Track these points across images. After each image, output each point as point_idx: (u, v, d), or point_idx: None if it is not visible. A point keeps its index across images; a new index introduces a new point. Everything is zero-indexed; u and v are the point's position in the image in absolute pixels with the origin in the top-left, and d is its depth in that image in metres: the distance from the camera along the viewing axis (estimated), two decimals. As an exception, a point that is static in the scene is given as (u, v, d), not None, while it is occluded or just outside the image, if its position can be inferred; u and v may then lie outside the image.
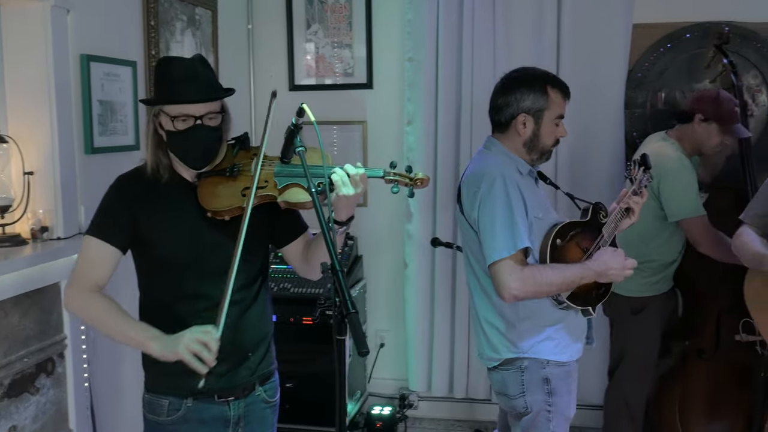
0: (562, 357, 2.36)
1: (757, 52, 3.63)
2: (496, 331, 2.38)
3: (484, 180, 2.28)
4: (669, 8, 3.70)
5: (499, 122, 2.40)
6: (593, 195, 3.59)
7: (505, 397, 2.41)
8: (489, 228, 2.24)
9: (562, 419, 2.38)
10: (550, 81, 2.36)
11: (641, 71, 3.76)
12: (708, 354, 3.29)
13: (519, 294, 2.20)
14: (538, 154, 2.39)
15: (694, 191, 3.08)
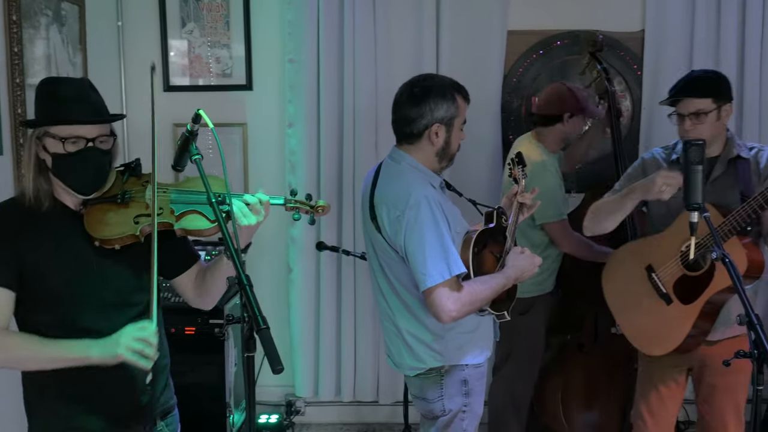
0: (479, 359, 2.44)
1: (620, 60, 3.86)
2: (420, 343, 2.38)
3: (408, 205, 2.24)
4: (540, 16, 3.86)
5: (410, 134, 2.33)
6: (474, 197, 3.72)
7: (424, 401, 2.45)
8: (420, 255, 2.22)
9: (474, 418, 2.47)
10: (456, 88, 2.36)
11: (516, 76, 3.90)
12: (587, 347, 3.47)
13: (458, 315, 2.23)
14: (447, 161, 2.40)
15: (555, 196, 3.22)
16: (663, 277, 2.62)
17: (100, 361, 1.74)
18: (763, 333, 1.64)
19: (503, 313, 2.41)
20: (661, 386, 2.77)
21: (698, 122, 2.51)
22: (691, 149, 1.99)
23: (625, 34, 3.85)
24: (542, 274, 3.33)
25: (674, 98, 2.57)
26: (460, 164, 3.77)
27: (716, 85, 2.56)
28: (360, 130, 3.80)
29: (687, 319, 2.53)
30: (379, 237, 2.36)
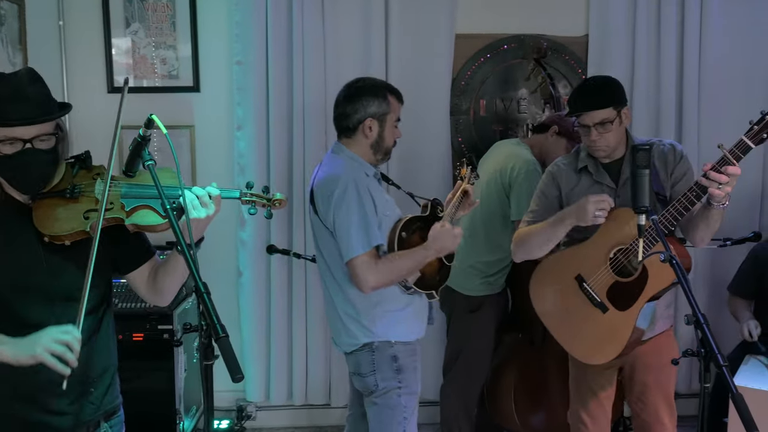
0: (409, 337, 2.63)
1: (565, 64, 3.94)
2: (353, 319, 2.61)
3: (337, 185, 2.50)
4: (487, 20, 3.91)
5: (347, 128, 2.62)
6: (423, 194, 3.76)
7: (359, 376, 2.64)
8: (345, 229, 2.48)
9: (411, 394, 2.64)
10: (388, 88, 2.66)
11: (464, 79, 3.94)
12: (537, 344, 3.53)
13: (376, 284, 2.47)
14: (382, 154, 2.65)
15: None
16: (595, 286, 2.59)
17: (14, 360, 1.70)
18: (709, 332, 1.70)
19: (432, 292, 2.63)
20: (598, 389, 2.80)
21: (604, 131, 2.55)
22: (638, 154, 2.04)
23: (570, 39, 3.93)
24: (493, 275, 3.40)
25: (580, 112, 2.58)
26: (409, 164, 3.86)
27: (613, 93, 2.60)
28: (310, 132, 3.78)
29: (627, 324, 2.53)
30: (317, 219, 2.60)
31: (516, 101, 3.97)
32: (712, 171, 2.26)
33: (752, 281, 3.73)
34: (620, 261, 2.53)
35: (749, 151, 2.23)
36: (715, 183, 2.25)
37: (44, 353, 1.65)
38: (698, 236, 2.52)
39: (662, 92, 3.88)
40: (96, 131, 3.33)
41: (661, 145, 2.67)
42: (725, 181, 2.24)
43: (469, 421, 3.48)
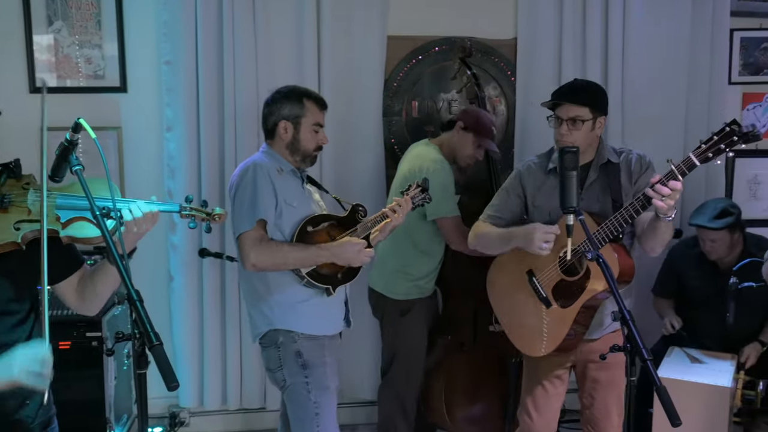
0: (314, 330, 2.68)
1: (495, 66, 4.01)
2: (254, 307, 2.71)
3: (240, 171, 2.67)
4: (419, 22, 3.94)
5: (267, 130, 2.78)
6: (357, 197, 3.74)
7: (270, 372, 2.73)
8: (237, 207, 2.61)
9: (322, 390, 2.67)
10: (306, 94, 2.78)
11: (396, 81, 3.97)
12: (468, 346, 3.59)
13: (257, 263, 2.56)
14: (300, 156, 2.75)
15: (450, 192, 3.34)
16: (543, 281, 2.71)
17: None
18: (635, 328, 1.77)
19: (328, 287, 2.67)
20: (546, 383, 2.88)
21: (574, 128, 2.63)
22: (566, 156, 2.11)
23: (499, 42, 4.01)
24: (423, 279, 3.44)
25: (555, 101, 2.68)
26: (343, 165, 3.86)
27: (595, 96, 2.70)
28: (242, 134, 3.74)
29: (565, 321, 2.64)
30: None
31: (447, 102, 4.02)
32: (657, 184, 2.34)
33: (671, 281, 3.90)
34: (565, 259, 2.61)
35: (694, 168, 2.32)
36: (659, 195, 2.32)
37: (24, 375, 1.62)
38: (649, 246, 2.64)
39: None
40: (19, 132, 3.21)
41: (630, 155, 2.76)
42: (667, 194, 2.32)
43: (407, 421, 3.51)
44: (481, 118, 3.46)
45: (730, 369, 3.42)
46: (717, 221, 3.54)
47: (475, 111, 3.51)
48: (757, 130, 2.22)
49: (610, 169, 2.70)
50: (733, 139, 2.23)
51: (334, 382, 2.74)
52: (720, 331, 3.44)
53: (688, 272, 3.79)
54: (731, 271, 3.26)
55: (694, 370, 3.42)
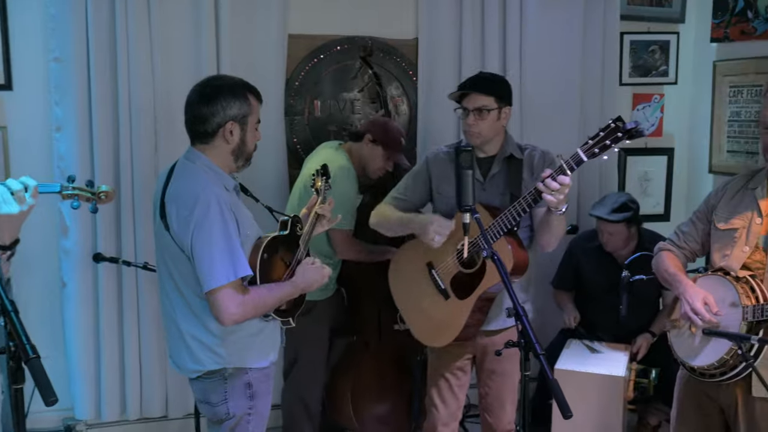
0: (263, 363, 2.46)
1: (397, 66, 4.03)
2: (201, 345, 2.37)
3: (198, 204, 2.23)
4: (321, 21, 3.91)
5: (204, 133, 2.34)
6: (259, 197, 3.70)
7: (207, 404, 2.44)
8: (207, 255, 2.21)
9: (260, 420, 2.50)
10: (247, 87, 2.40)
11: (298, 80, 3.93)
12: (373, 345, 3.59)
13: (239, 318, 2.26)
14: (243, 160, 2.43)
15: (350, 205, 3.31)
16: (441, 273, 2.78)
17: None
18: (528, 324, 1.80)
19: (288, 320, 2.51)
20: (449, 375, 2.96)
21: (480, 118, 2.70)
22: (461, 155, 2.14)
23: (401, 41, 4.03)
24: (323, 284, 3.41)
25: (462, 92, 2.74)
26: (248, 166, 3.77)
27: (500, 87, 2.78)
28: (138, 134, 3.60)
29: (462, 312, 2.71)
30: (167, 235, 2.33)
31: (350, 102, 4.01)
32: (547, 178, 2.40)
33: (570, 274, 4.03)
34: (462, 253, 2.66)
35: (582, 163, 2.39)
36: (549, 189, 2.38)
37: None
38: (544, 240, 2.72)
39: (487, 93, 4.07)
40: None
41: (534, 151, 2.83)
42: (556, 189, 2.37)
43: (311, 422, 3.49)
44: (389, 130, 3.45)
45: (623, 359, 3.56)
46: (616, 214, 3.68)
47: (383, 123, 3.49)
48: (639, 126, 2.31)
49: (512, 164, 2.77)
50: (618, 135, 2.31)
51: (269, 411, 2.57)
52: (614, 322, 3.57)
53: (586, 265, 3.92)
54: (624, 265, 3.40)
55: (590, 361, 3.54)
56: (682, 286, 2.48)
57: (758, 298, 2.30)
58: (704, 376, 2.43)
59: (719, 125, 4.19)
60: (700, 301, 2.39)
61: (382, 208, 2.94)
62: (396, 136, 3.47)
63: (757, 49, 3.89)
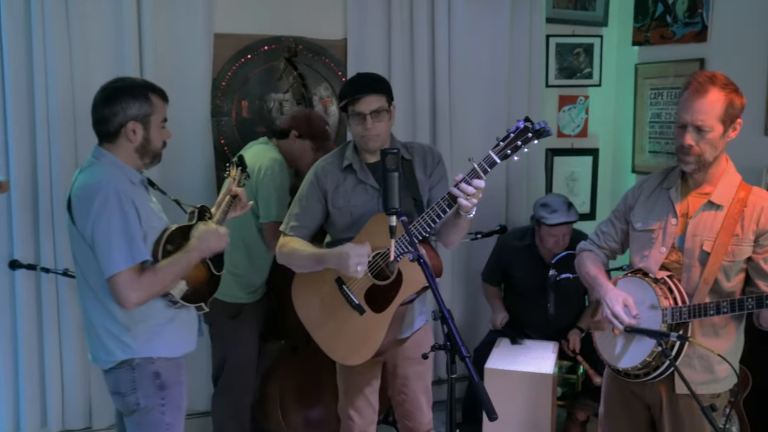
0: (173, 352, 2.49)
1: (326, 67, 4.00)
2: (110, 335, 2.42)
3: (97, 195, 2.31)
4: (247, 20, 3.85)
5: (108, 133, 2.43)
6: (186, 199, 3.59)
7: (119, 395, 2.47)
8: (106, 243, 2.30)
9: (176, 411, 2.51)
10: (150, 87, 2.48)
11: (225, 80, 3.85)
12: (301, 350, 3.55)
13: (139, 301, 2.32)
14: (150, 158, 2.50)
15: (283, 196, 3.27)
16: (354, 288, 2.65)
17: None
18: (454, 327, 1.80)
19: (201, 305, 2.54)
20: (363, 385, 2.89)
21: (378, 120, 2.62)
22: (387, 157, 2.11)
23: (329, 42, 4.00)
24: (252, 281, 3.37)
25: (357, 96, 2.61)
26: (172, 166, 3.69)
27: (387, 85, 2.72)
28: (56, 136, 3.47)
29: (381, 326, 2.62)
30: (74, 229, 2.40)
31: (278, 102, 3.96)
32: (462, 183, 2.38)
33: (498, 270, 4.09)
34: (378, 264, 2.61)
35: (495, 165, 2.38)
36: (464, 194, 2.37)
37: None
38: (449, 240, 2.69)
39: (417, 95, 4.09)
40: None
41: (419, 149, 2.79)
42: (472, 193, 2.38)
43: (241, 429, 3.43)
44: (313, 122, 3.42)
45: (552, 356, 3.62)
46: (572, 213, 3.80)
47: (305, 115, 3.44)
48: (547, 127, 2.33)
49: (404, 165, 2.70)
50: (528, 135, 2.33)
51: (185, 402, 2.57)
52: (543, 320, 3.63)
53: (516, 264, 3.98)
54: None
55: (519, 359, 3.59)
56: (603, 289, 2.51)
57: (676, 299, 2.35)
58: (629, 376, 2.47)
59: (641, 126, 4.31)
60: (619, 304, 2.43)
61: (287, 244, 2.74)
62: (321, 125, 3.44)
63: (676, 53, 4.02)
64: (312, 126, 3.38)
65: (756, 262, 2.33)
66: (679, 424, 2.42)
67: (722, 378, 2.41)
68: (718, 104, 2.27)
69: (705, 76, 2.31)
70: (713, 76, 2.31)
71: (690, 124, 2.30)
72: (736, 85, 2.32)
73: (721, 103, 2.27)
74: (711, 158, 2.33)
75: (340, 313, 2.69)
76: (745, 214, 2.33)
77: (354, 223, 2.67)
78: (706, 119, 2.27)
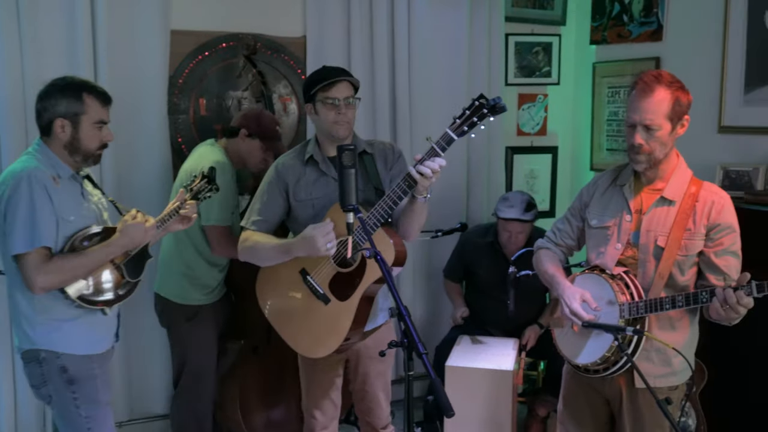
0: (80, 350, 2.52)
1: (285, 64, 3.96)
2: (17, 324, 2.52)
3: (11, 181, 2.41)
4: (205, 17, 3.80)
5: (41, 126, 2.52)
6: (142, 198, 3.57)
7: (34, 388, 2.55)
8: (11, 224, 2.38)
9: (91, 404, 2.53)
10: (86, 88, 2.52)
11: (182, 77, 3.80)
12: (261, 349, 3.51)
13: (46, 285, 2.38)
14: (81, 156, 2.52)
15: (226, 199, 3.22)
16: (318, 278, 2.64)
17: None
18: (411, 324, 1.79)
19: (102, 309, 2.53)
20: (325, 383, 2.88)
21: (349, 108, 2.67)
22: (344, 153, 2.09)
23: (288, 39, 3.96)
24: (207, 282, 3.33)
25: (332, 81, 2.64)
26: (128, 164, 3.64)
27: (356, 79, 2.75)
28: (8, 134, 3.39)
29: (346, 314, 2.60)
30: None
31: (237, 100, 3.91)
32: (420, 164, 2.39)
33: (460, 267, 4.10)
34: (341, 253, 2.60)
35: (453, 142, 2.41)
36: (423, 174, 2.38)
37: None
38: (408, 230, 2.66)
39: (377, 92, 4.08)
40: None
41: (380, 144, 2.82)
42: (435, 170, 2.39)
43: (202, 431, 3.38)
44: (263, 121, 3.37)
45: (512, 353, 3.64)
46: (528, 214, 3.78)
47: (256, 115, 3.40)
48: (502, 102, 2.37)
49: (366, 159, 2.74)
50: (483, 111, 2.36)
51: (107, 396, 2.59)
52: (504, 317, 3.64)
53: (478, 261, 3.99)
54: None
55: (480, 356, 3.59)
56: (561, 286, 2.52)
57: (632, 294, 2.38)
58: (588, 372, 2.49)
59: (599, 124, 4.36)
60: (577, 301, 2.44)
61: (250, 238, 2.72)
62: (271, 125, 3.40)
63: (633, 52, 4.08)
64: (262, 125, 3.34)
65: (707, 256, 2.36)
66: (639, 418, 2.44)
67: (679, 371, 2.45)
68: (664, 102, 2.30)
69: (651, 76, 2.34)
70: (659, 74, 2.35)
71: (639, 124, 2.33)
72: (681, 83, 2.36)
73: (668, 101, 2.31)
74: (661, 156, 2.37)
75: (304, 305, 2.68)
76: (696, 209, 2.36)
77: (316, 215, 2.67)
78: (654, 118, 2.31)
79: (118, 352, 3.65)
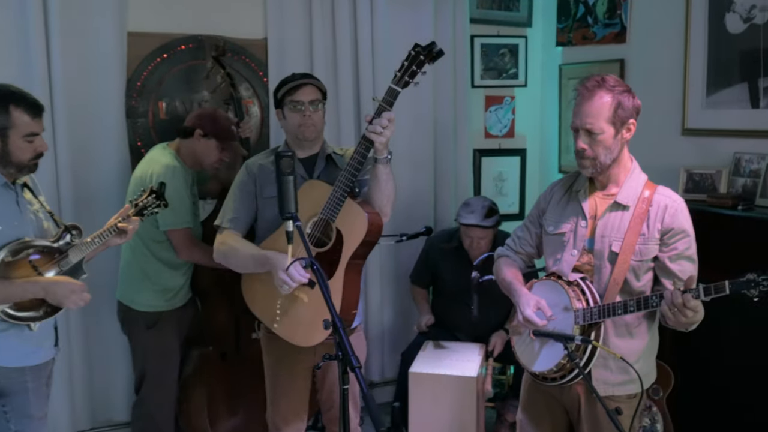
0: (13, 362, 2.45)
1: (246, 67, 3.90)
2: None
3: None
4: (163, 19, 3.74)
5: None
6: (100, 204, 3.51)
7: None
8: None
9: (22, 418, 2.47)
10: (13, 99, 2.41)
11: (140, 80, 3.73)
12: (230, 355, 3.46)
13: None
14: (13, 168, 2.44)
15: (181, 202, 3.17)
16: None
17: None
18: (345, 336, 1.75)
19: (28, 324, 2.45)
20: (291, 393, 2.84)
21: (315, 111, 2.71)
22: (282, 160, 2.05)
23: (249, 41, 3.91)
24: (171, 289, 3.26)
25: (298, 84, 2.70)
26: (86, 167, 3.57)
27: (323, 85, 2.79)
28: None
29: (335, 290, 2.57)
30: None
31: (199, 103, 3.85)
32: (371, 123, 2.43)
33: (426, 272, 4.05)
34: (314, 235, 2.59)
35: (398, 94, 2.45)
36: (376, 131, 2.41)
37: None
38: (380, 203, 2.62)
39: (340, 95, 4.03)
40: None
41: (348, 150, 2.79)
42: (386, 126, 2.42)
43: (162, 439, 3.33)
44: (218, 121, 3.32)
45: (477, 359, 3.60)
46: (488, 220, 3.75)
47: (210, 114, 3.34)
48: (438, 47, 2.41)
49: (336, 158, 2.78)
50: (421, 59, 2.40)
51: (41, 410, 2.53)
52: (470, 322, 3.60)
53: (443, 266, 3.95)
54: (474, 266, 3.44)
55: (444, 363, 3.55)
56: (517, 294, 2.50)
57: (588, 300, 2.34)
58: (546, 380, 2.46)
59: (567, 127, 4.33)
60: (531, 308, 2.41)
61: (227, 239, 2.72)
62: (226, 125, 3.36)
63: (598, 54, 4.05)
64: (217, 125, 3.29)
65: (662, 261, 2.33)
66: (597, 426, 2.41)
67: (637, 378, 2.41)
68: (605, 107, 2.28)
69: (594, 80, 2.33)
70: (602, 79, 2.32)
71: (580, 128, 2.32)
72: (627, 87, 2.33)
73: (609, 105, 2.28)
74: (608, 160, 2.34)
75: (292, 296, 2.61)
76: (650, 213, 2.33)
77: None
78: (594, 122, 2.29)
79: (81, 360, 3.62)
